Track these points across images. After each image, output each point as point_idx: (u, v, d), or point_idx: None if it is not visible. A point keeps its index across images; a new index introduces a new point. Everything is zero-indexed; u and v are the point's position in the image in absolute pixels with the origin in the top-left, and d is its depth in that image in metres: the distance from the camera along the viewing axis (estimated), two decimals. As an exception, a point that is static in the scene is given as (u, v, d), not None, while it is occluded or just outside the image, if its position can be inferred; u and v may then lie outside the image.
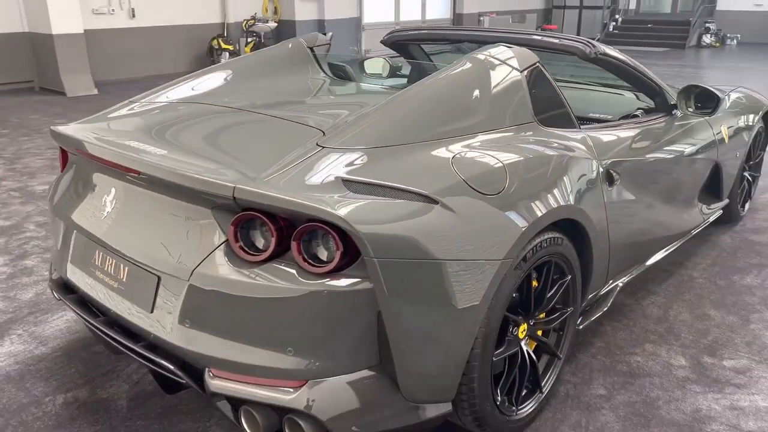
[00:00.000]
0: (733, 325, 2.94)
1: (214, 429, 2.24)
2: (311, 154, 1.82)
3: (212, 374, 1.76)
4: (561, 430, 2.23)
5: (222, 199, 1.69)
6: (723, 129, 3.47)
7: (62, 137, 2.17)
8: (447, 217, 1.75)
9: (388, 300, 1.65)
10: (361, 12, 13.64)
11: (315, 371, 1.70)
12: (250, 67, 2.81)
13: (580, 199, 2.21)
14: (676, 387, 2.48)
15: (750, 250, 3.78)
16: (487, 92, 2.19)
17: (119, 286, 1.96)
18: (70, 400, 2.39)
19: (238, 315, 1.71)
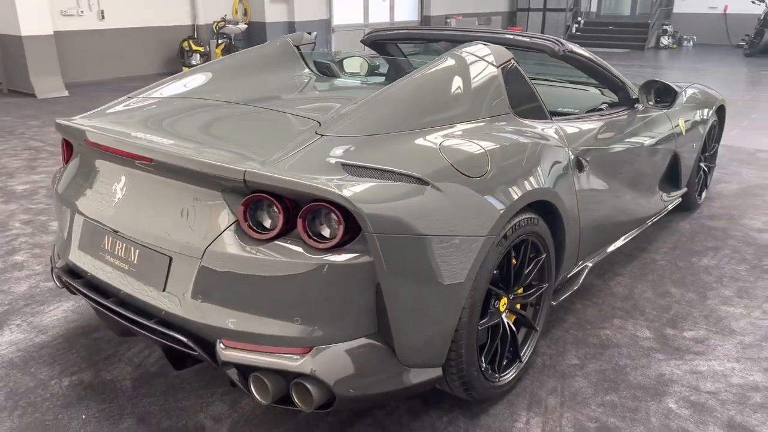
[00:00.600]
0: (692, 301, 3.19)
1: (217, 404, 2.38)
2: (312, 141, 1.99)
3: (224, 345, 1.91)
4: (539, 395, 2.44)
5: (233, 182, 1.84)
6: (681, 122, 3.74)
7: (69, 129, 2.29)
8: (437, 197, 1.94)
9: (385, 272, 1.82)
10: (331, 14, 13.80)
11: (320, 339, 1.87)
12: (241, 64, 2.96)
13: (553, 183, 2.42)
14: (641, 356, 2.71)
15: (707, 235, 4.07)
16: (467, 86, 2.38)
17: (130, 268, 2.09)
18: (75, 382, 2.51)
19: (248, 289, 1.86)
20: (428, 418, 2.30)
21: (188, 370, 2.57)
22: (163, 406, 2.36)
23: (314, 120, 2.17)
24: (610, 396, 2.44)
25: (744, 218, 4.37)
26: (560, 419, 2.30)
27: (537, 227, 2.35)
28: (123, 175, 2.14)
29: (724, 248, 3.86)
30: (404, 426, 2.26)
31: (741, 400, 2.42)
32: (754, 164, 5.78)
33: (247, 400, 2.39)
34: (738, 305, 3.15)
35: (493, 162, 2.16)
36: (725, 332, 2.90)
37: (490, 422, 2.29)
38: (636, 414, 2.33)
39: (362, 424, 2.28)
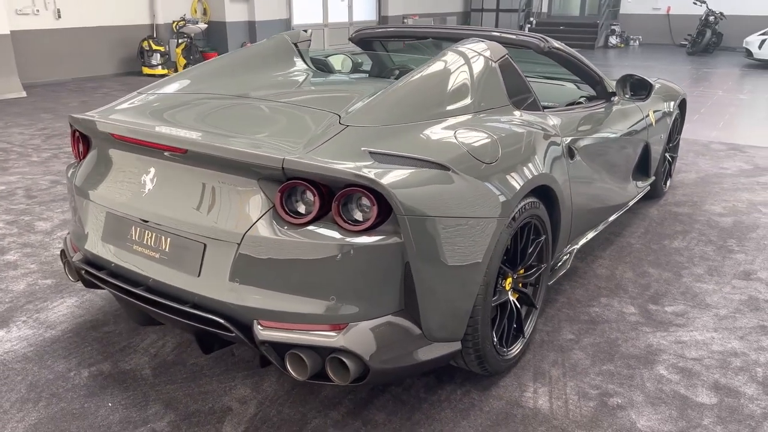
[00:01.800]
0: (669, 280, 3.44)
1: (239, 387, 2.47)
2: (339, 131, 2.11)
3: (261, 325, 2.01)
4: (542, 368, 2.62)
5: (270, 170, 1.95)
6: (651, 114, 4.00)
7: (91, 124, 2.34)
8: (458, 182, 2.09)
9: (414, 251, 1.96)
10: (291, 14, 13.82)
11: (353, 315, 1.99)
12: (244, 61, 3.04)
13: (552, 169, 2.61)
14: (630, 329, 2.93)
15: (674, 220, 4.35)
16: (471, 79, 2.54)
17: (161, 256, 2.16)
18: (95, 373, 2.55)
19: (285, 271, 1.97)
20: (444, 392, 2.45)
21: (205, 358, 2.65)
22: (187, 392, 2.44)
23: (332, 113, 2.28)
24: (607, 366, 2.63)
25: (705, 204, 4.69)
26: (564, 388, 2.48)
27: (538, 210, 2.53)
28: (152, 166, 2.21)
29: (692, 231, 4.14)
30: (423, 400, 2.41)
31: (723, 365, 2.65)
32: (708, 155, 6.15)
33: (269, 382, 2.49)
34: (710, 282, 3.41)
35: (502, 149, 2.33)
36: (701, 306, 3.15)
37: (501, 393, 2.45)
38: (632, 381, 2.54)
39: (382, 399, 2.41)
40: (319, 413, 2.33)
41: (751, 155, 6.13)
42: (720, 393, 2.46)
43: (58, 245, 3.81)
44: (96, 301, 3.12)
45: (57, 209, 4.45)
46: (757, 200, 4.78)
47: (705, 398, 2.43)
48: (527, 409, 2.36)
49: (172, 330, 2.85)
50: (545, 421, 2.29)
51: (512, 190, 2.28)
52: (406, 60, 3.81)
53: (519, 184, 2.32)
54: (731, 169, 5.63)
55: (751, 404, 2.40)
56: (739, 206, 4.64)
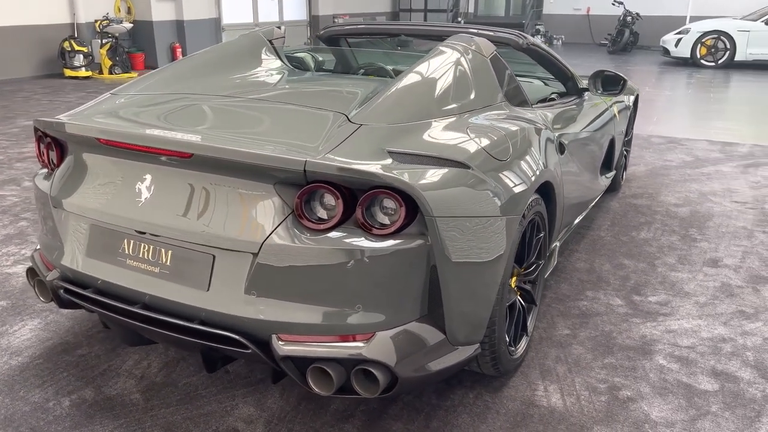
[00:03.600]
0: (645, 270, 3.52)
1: (241, 406, 2.31)
2: (353, 131, 2.00)
3: (281, 339, 1.88)
4: (547, 365, 2.60)
5: (290, 173, 1.82)
6: (615, 109, 4.09)
7: (71, 128, 2.12)
8: (478, 180, 2.03)
9: (442, 253, 1.88)
10: (220, 13, 13.41)
11: (381, 324, 1.89)
12: (219, 59, 2.86)
13: (551, 164, 2.59)
14: (621, 321, 2.96)
15: (636, 212, 4.48)
16: (471, 75, 2.49)
17: (162, 271, 1.99)
18: (77, 401, 2.33)
19: (308, 281, 1.85)
20: (456, 397, 2.39)
21: (198, 377, 2.47)
22: (186, 415, 2.26)
23: (337, 112, 2.17)
24: (608, 359, 2.65)
25: (660, 196, 4.85)
26: (573, 384, 2.47)
27: (540, 207, 2.51)
28: (147, 173, 2.02)
29: (654, 222, 4.27)
30: (437, 406, 2.33)
31: (715, 351, 2.72)
32: (651, 148, 6.40)
33: (273, 398, 2.35)
34: (683, 270, 3.52)
35: (512, 146, 2.29)
36: (681, 295, 3.24)
37: (512, 393, 2.41)
38: (635, 372, 2.56)
39: (395, 409, 2.32)
40: (332, 428, 2.21)
41: (689, 148, 6.42)
42: (720, 379, 2.52)
43: (5, 263, 3.48)
44: (62, 322, 2.86)
45: (-3, 223, 4.08)
46: (705, 190, 5.00)
47: (707, 385, 2.48)
48: (542, 408, 2.33)
49: (156, 349, 2.65)
50: (563, 419, 2.27)
51: (525, 187, 2.24)
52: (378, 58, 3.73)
53: (530, 181, 2.29)
54: (675, 162, 5.87)
55: (751, 388, 2.47)
56: (692, 197, 4.83)
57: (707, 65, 13.55)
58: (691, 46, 13.60)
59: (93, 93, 9.36)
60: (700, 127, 7.47)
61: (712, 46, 13.50)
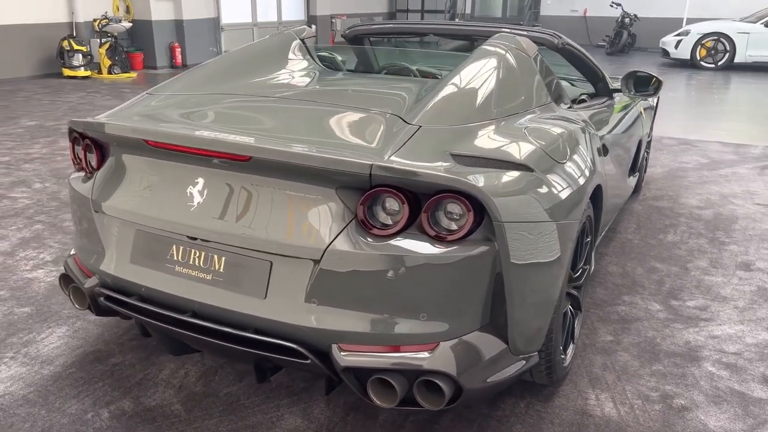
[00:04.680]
0: (679, 274, 3.47)
1: (287, 417, 2.24)
2: (413, 133, 1.93)
3: (342, 350, 1.80)
4: (595, 373, 2.54)
5: (354, 177, 1.74)
6: (642, 110, 4.04)
7: (116, 129, 2.03)
8: (542, 183, 1.96)
9: (509, 260, 1.81)
10: (219, 13, 13.29)
11: (445, 333, 1.82)
12: (254, 59, 2.78)
13: (599, 167, 2.53)
14: (663, 326, 2.91)
15: (660, 214, 4.43)
16: (520, 76, 2.43)
17: (214, 278, 1.91)
18: (116, 413, 2.24)
19: (371, 288, 1.77)
20: (506, 406, 2.32)
21: (238, 386, 2.39)
22: (231, 427, 2.18)
23: (392, 114, 2.09)
24: (656, 366, 2.59)
25: (681, 198, 4.81)
26: (624, 392, 2.41)
27: (589, 210, 2.45)
28: (199, 176, 1.94)
29: (679, 225, 4.22)
30: (488, 416, 2.26)
31: (762, 358, 2.67)
32: (664, 150, 6.37)
33: (319, 409, 2.27)
34: (716, 274, 3.47)
35: (569, 147, 2.22)
36: (719, 299, 3.19)
37: (564, 402, 2.35)
38: (685, 380, 2.50)
39: (445, 419, 2.25)
40: (384, 440, 2.14)
41: (702, 149, 6.40)
42: (772, 386, 2.47)
43: (25, 267, 3.38)
44: (91, 330, 2.77)
45: (11, 226, 3.97)
46: (726, 192, 4.96)
47: (761, 393, 2.43)
48: (597, 417, 2.27)
49: (192, 357, 2.56)
50: (620, 430, 2.21)
51: (583, 191, 2.18)
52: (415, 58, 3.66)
53: (587, 184, 2.23)
54: (691, 164, 5.84)
55: (805, 396, 2.42)
56: (713, 199, 4.79)
57: (707, 67, 13.58)
58: (691, 48, 13.62)
59: (93, 93, 9.23)
60: (709, 129, 7.45)
61: (711, 48, 13.53)
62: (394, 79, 2.91)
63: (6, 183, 4.88)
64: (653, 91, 3.48)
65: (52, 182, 4.91)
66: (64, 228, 3.94)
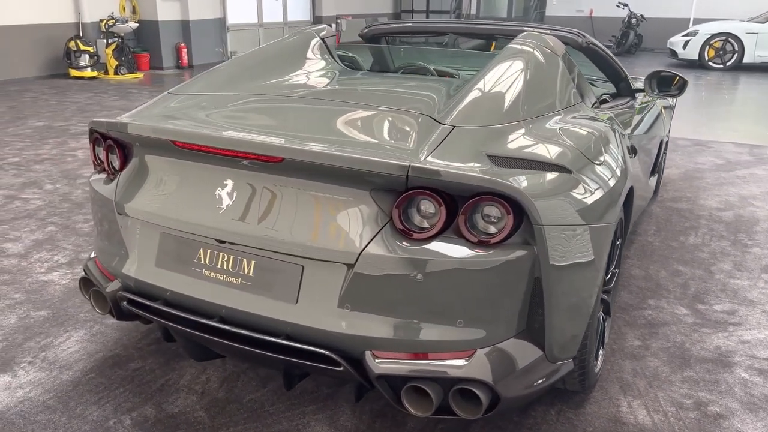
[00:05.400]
0: (703, 277, 3.41)
1: (313, 424, 2.18)
2: (447, 133, 1.87)
3: (376, 357, 1.75)
4: (625, 379, 2.48)
5: (390, 179, 1.69)
6: (662, 110, 3.98)
7: (139, 129, 1.99)
8: (580, 185, 1.91)
9: (549, 264, 1.76)
10: (225, 13, 13.25)
11: (482, 340, 1.77)
12: (276, 59, 2.73)
13: (630, 168, 2.47)
14: (691, 331, 2.85)
15: (679, 216, 4.37)
16: (551, 76, 2.37)
17: (243, 282, 1.85)
18: (138, 419, 2.19)
19: (406, 294, 1.72)
20: (537, 414, 2.26)
21: (262, 392, 2.34)
22: (256, 435, 2.13)
23: (423, 114, 2.04)
24: (687, 372, 2.53)
25: (700, 200, 4.75)
26: (657, 399, 2.36)
27: (621, 213, 2.39)
28: (228, 178, 1.88)
29: (700, 227, 4.16)
30: (519, 424, 2.21)
31: (795, 363, 2.61)
32: (679, 151, 6.30)
33: (345, 416, 2.22)
34: (742, 278, 3.41)
35: (604, 148, 2.17)
36: (746, 303, 3.12)
37: (595, 410, 2.29)
38: (718, 386, 2.44)
39: (475, 427, 2.19)
40: (414, 448, 2.08)
41: (717, 150, 6.33)
42: (808, 393, 2.41)
43: (39, 270, 3.33)
44: (109, 334, 2.72)
45: (23, 228, 3.93)
46: (744, 194, 4.90)
47: (797, 400, 2.37)
48: (631, 426, 2.21)
49: (213, 363, 2.51)
50: (655, 438, 2.15)
51: (618, 192, 2.13)
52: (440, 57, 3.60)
53: (621, 185, 2.17)
54: (707, 165, 5.77)
55: (842, 403, 2.36)
56: (732, 200, 4.73)
57: (715, 67, 13.50)
58: (699, 48, 13.55)
59: (101, 94, 9.19)
60: (722, 130, 7.38)
61: (720, 49, 13.45)
62: (419, 78, 2.86)
63: (17, 184, 4.84)
64: (678, 91, 3.42)
65: (63, 183, 4.86)
66: (78, 230, 3.90)
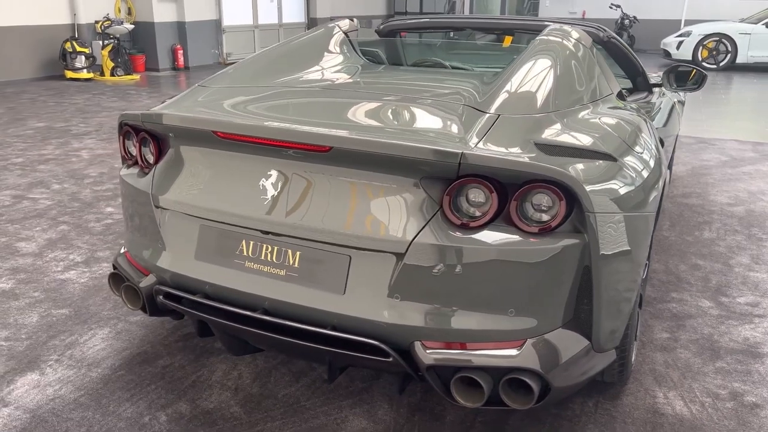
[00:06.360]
0: (723, 271, 3.42)
1: (351, 419, 2.16)
2: (493, 122, 1.86)
3: (426, 347, 1.73)
4: (659, 371, 2.48)
5: (441, 167, 1.67)
6: (677, 105, 4.00)
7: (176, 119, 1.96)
8: (626, 173, 1.90)
9: (599, 253, 1.75)
10: (221, 14, 13.20)
11: (532, 330, 1.75)
12: (301, 52, 2.71)
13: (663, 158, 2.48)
14: (717, 323, 2.85)
15: (691, 211, 4.39)
16: (586, 66, 2.37)
17: (289, 273, 1.83)
18: (174, 416, 2.16)
19: (457, 283, 1.70)
20: (575, 406, 2.25)
21: (296, 387, 2.31)
22: (295, 429, 2.10)
23: (464, 104, 2.03)
24: (719, 363, 2.53)
25: (710, 195, 4.77)
26: (692, 390, 2.35)
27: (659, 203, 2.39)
28: (272, 169, 1.86)
29: (713, 222, 4.18)
30: (559, 416, 2.20)
31: (824, 354, 2.62)
32: (683, 148, 6.33)
33: (383, 410, 2.19)
34: (761, 271, 3.42)
35: (641, 138, 2.17)
36: (768, 295, 3.14)
37: (632, 401, 2.29)
38: (751, 377, 2.45)
39: (514, 419, 2.18)
40: (455, 441, 2.07)
41: (720, 147, 6.37)
42: (840, 383, 2.42)
43: (56, 269, 3.29)
44: (134, 331, 2.68)
45: (35, 227, 3.87)
46: (753, 190, 4.93)
47: (830, 389, 2.38)
48: (670, 416, 2.21)
49: (243, 358, 2.48)
50: (696, 428, 2.15)
51: (657, 181, 2.12)
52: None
53: (659, 175, 2.17)
54: (712, 161, 5.81)
55: None
56: (742, 196, 4.76)
57: (709, 68, 13.59)
58: (693, 49, 13.65)
59: (99, 95, 9.12)
60: (723, 127, 7.43)
61: (713, 49, 13.56)
62: (449, 72, 2.85)
63: (23, 184, 4.78)
64: (697, 85, 3.43)
65: (70, 183, 4.80)
66: (90, 229, 3.85)
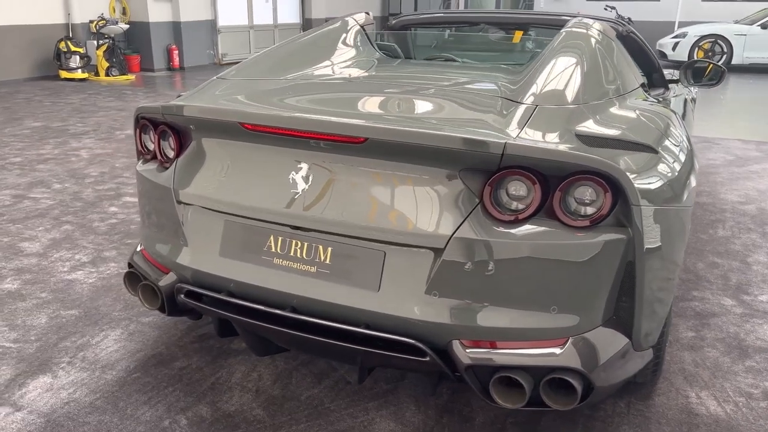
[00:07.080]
0: (741, 269, 3.38)
1: (378, 421, 2.09)
2: (532, 112, 1.80)
3: (465, 346, 1.67)
4: (688, 370, 2.42)
5: (482, 158, 1.61)
6: (689, 102, 3.96)
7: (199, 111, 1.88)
8: (667, 165, 1.85)
9: (643, 247, 1.69)
10: (216, 14, 13.10)
11: (575, 328, 1.69)
12: (319, 46, 2.65)
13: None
14: (742, 321, 2.80)
15: (703, 210, 4.35)
16: (615, 59, 2.32)
17: (319, 270, 1.76)
18: (194, 419, 2.08)
19: (498, 279, 1.64)
20: (607, 407, 2.19)
21: (319, 389, 2.24)
22: (321, 432, 2.03)
23: (499, 96, 1.97)
24: (748, 362, 2.48)
25: (720, 194, 4.74)
26: (724, 390, 2.30)
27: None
28: (303, 161, 1.79)
29: (726, 220, 4.14)
30: (590, 417, 2.14)
31: None
32: (687, 148, 6.30)
33: (410, 412, 2.13)
34: (779, 269, 3.39)
35: (675, 130, 2.12)
36: (789, 293, 3.10)
37: (664, 401, 2.23)
38: (782, 375, 2.40)
39: (546, 420, 2.11)
40: (487, 443, 2.00)
41: (725, 147, 6.35)
42: None
43: (62, 269, 3.20)
44: (147, 332, 2.60)
45: (38, 227, 3.78)
46: (762, 188, 4.90)
47: None
48: (704, 416, 2.15)
49: (262, 360, 2.40)
50: (732, 428, 2.09)
51: (693, 174, 2.07)
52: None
53: (693, 167, 2.11)
54: (719, 160, 5.78)
55: None
56: (752, 194, 4.73)
57: (704, 69, 13.63)
58: (689, 50, 13.69)
59: (94, 95, 9.00)
60: (724, 127, 7.42)
61: (709, 50, 13.60)
62: (474, 65, 2.79)
63: (23, 184, 4.67)
64: (717, 80, 3.39)
65: (71, 183, 4.71)
66: (95, 229, 3.76)
